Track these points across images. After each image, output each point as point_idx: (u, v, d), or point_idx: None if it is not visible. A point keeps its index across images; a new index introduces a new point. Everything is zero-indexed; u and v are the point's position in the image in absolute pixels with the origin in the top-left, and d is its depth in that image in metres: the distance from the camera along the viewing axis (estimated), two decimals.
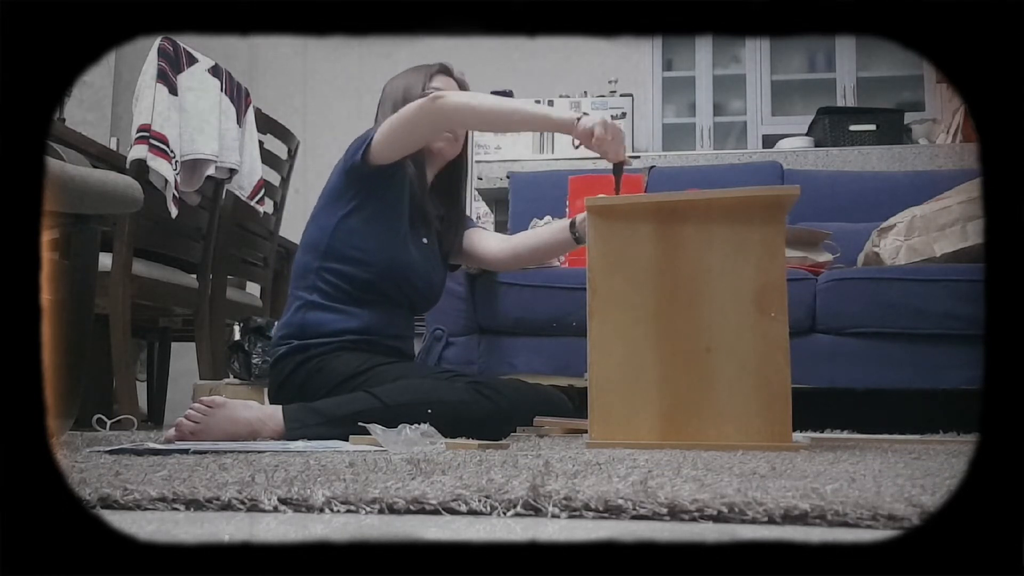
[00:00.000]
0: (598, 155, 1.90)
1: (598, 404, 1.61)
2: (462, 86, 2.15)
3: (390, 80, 2.18)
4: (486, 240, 2.26)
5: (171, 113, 2.49)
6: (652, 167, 3.54)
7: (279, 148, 3.21)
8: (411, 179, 2.04)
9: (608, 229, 1.66)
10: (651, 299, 1.62)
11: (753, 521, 0.68)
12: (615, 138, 1.85)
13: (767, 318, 1.58)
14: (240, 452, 1.31)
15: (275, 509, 0.74)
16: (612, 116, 5.58)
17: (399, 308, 2.06)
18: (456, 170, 2.20)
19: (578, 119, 1.86)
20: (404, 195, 2.01)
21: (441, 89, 2.06)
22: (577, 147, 1.94)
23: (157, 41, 2.53)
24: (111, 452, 1.30)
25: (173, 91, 2.52)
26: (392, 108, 2.04)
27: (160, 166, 2.43)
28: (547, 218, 3.01)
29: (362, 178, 1.97)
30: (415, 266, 2.03)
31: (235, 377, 2.67)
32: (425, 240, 2.10)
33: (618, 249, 1.65)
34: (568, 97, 5.28)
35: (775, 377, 1.56)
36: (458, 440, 1.53)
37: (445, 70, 2.14)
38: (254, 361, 2.61)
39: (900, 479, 0.91)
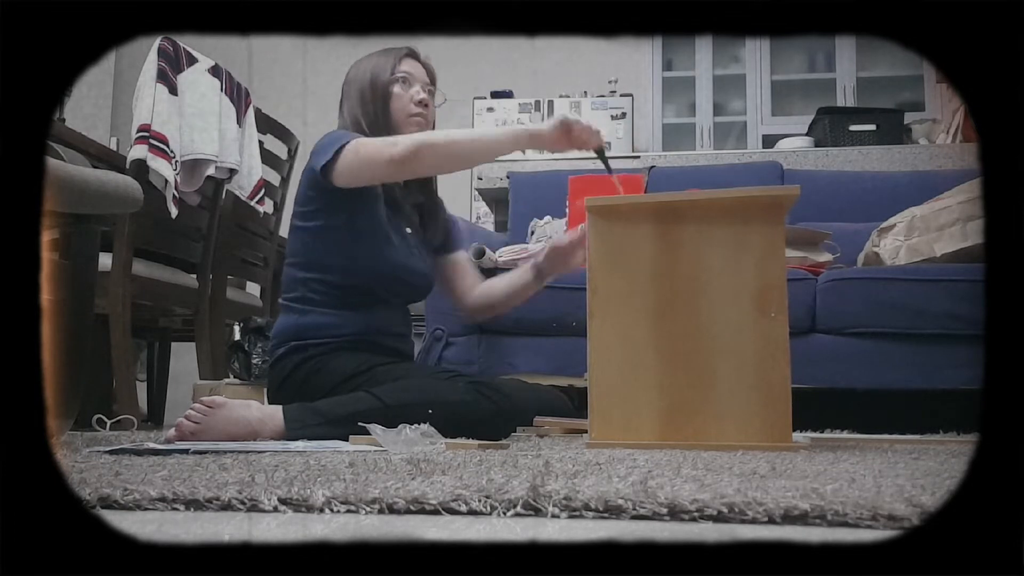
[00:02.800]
0: (566, 151, 1.86)
1: (598, 404, 1.61)
2: (428, 70, 2.10)
3: (355, 63, 2.10)
4: (467, 279, 2.20)
5: (171, 113, 2.49)
6: (652, 167, 3.55)
7: (279, 148, 3.21)
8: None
9: (608, 229, 1.66)
10: (651, 299, 1.62)
11: (753, 521, 0.68)
12: (584, 128, 1.81)
13: (767, 318, 1.58)
14: (240, 452, 1.31)
15: (275, 509, 0.74)
16: (612, 116, 5.59)
17: (393, 307, 2.04)
18: None
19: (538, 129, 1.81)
20: (378, 199, 1.98)
21: (410, 73, 2.04)
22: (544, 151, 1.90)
23: (157, 41, 2.53)
24: (111, 452, 1.29)
25: (173, 91, 2.52)
26: (358, 95, 2.03)
27: (160, 166, 2.43)
28: (547, 218, 2.99)
29: (328, 191, 1.92)
30: (402, 263, 2.00)
31: (235, 377, 2.67)
32: (408, 230, 2.06)
33: (618, 249, 1.65)
34: (568, 97, 5.28)
35: (775, 377, 1.56)
36: (458, 440, 1.53)
37: (412, 54, 2.09)
38: (254, 361, 2.61)
39: (900, 479, 0.91)
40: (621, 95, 5.27)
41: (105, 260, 2.33)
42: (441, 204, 2.21)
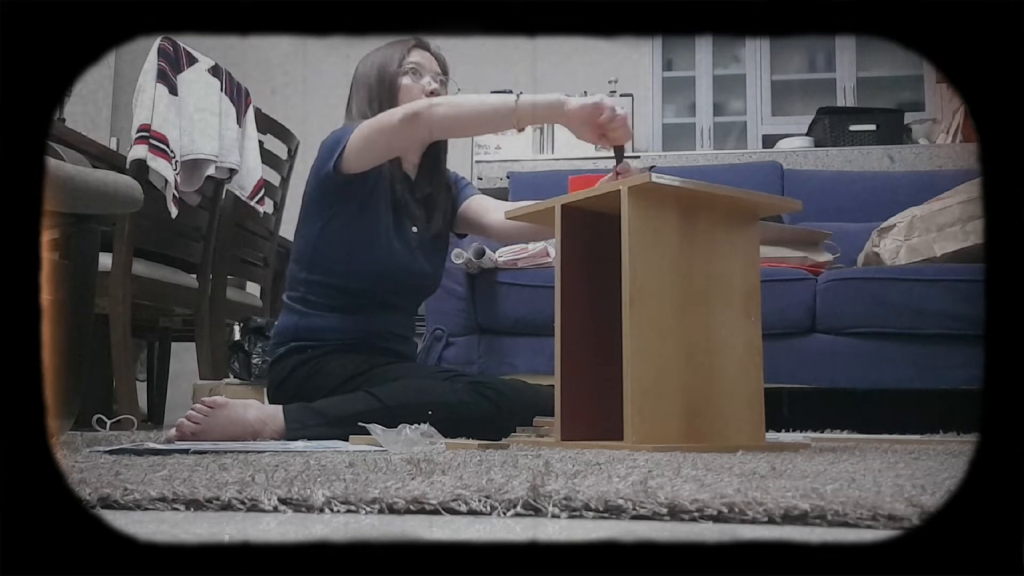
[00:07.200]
0: (594, 143, 1.79)
1: (635, 404, 1.48)
2: (440, 60, 2.05)
3: (363, 58, 2.05)
4: (491, 212, 2.12)
5: (171, 113, 2.50)
6: (652, 167, 3.55)
7: (279, 148, 3.22)
8: (389, 173, 1.96)
9: (645, 213, 1.55)
10: (676, 292, 1.57)
11: (753, 521, 0.68)
12: (619, 121, 1.75)
13: (750, 321, 1.59)
14: (240, 452, 1.31)
15: (275, 509, 0.74)
16: None
17: (396, 309, 2.03)
18: (435, 145, 2.07)
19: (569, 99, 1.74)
20: (382, 196, 1.95)
21: (420, 64, 2.00)
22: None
23: (157, 41, 2.53)
24: (111, 452, 1.29)
25: (173, 91, 2.52)
26: (366, 91, 2.00)
27: (160, 166, 2.43)
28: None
29: (336, 187, 1.90)
30: (405, 266, 1.98)
31: (235, 377, 2.67)
32: (415, 229, 2.01)
33: (652, 237, 1.56)
34: (568, 97, 5.27)
35: (756, 379, 1.58)
36: (458, 440, 1.53)
37: (422, 44, 2.03)
38: (254, 361, 2.61)
39: (900, 479, 0.91)
40: (621, 95, 5.26)
41: (105, 260, 2.33)
42: (448, 190, 2.12)
